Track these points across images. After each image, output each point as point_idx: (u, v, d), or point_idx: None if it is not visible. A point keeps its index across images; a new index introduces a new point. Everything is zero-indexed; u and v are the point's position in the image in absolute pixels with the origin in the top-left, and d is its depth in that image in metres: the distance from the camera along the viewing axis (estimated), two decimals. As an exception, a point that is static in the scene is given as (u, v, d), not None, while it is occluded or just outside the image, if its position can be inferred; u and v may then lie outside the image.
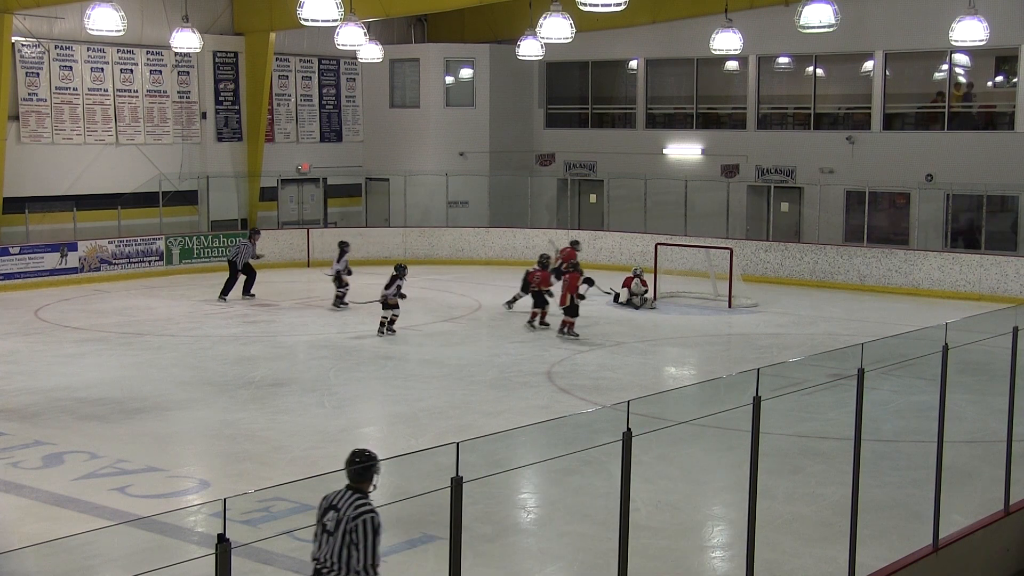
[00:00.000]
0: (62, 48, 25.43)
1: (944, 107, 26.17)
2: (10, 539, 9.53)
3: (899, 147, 26.51)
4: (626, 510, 6.29)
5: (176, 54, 26.64)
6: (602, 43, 29.97)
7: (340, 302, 21.19)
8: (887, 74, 26.83)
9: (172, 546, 9.12)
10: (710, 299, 22.41)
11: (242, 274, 22.46)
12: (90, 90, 25.98)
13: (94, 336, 18.60)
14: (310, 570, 6.58)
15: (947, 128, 26.12)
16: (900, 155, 26.28)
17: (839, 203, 27.03)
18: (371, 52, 25.97)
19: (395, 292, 18.44)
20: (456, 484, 5.41)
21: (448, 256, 28.29)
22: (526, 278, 19.98)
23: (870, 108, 27.03)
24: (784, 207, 28.11)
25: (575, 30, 19.72)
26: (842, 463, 9.07)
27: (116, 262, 25.11)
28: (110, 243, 25.10)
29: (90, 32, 21.26)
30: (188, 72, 27.74)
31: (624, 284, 21.93)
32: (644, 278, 22.01)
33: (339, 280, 21.24)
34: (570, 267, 19.30)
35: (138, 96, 26.84)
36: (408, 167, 30.29)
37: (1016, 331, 9.04)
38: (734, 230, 27.64)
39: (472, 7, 28.93)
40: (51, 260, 24.10)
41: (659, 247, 23.09)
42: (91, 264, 24.69)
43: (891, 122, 27.09)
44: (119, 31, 20.68)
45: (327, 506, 6.50)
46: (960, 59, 26.13)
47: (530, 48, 23.91)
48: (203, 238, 26.81)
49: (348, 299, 21.15)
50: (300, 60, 30.09)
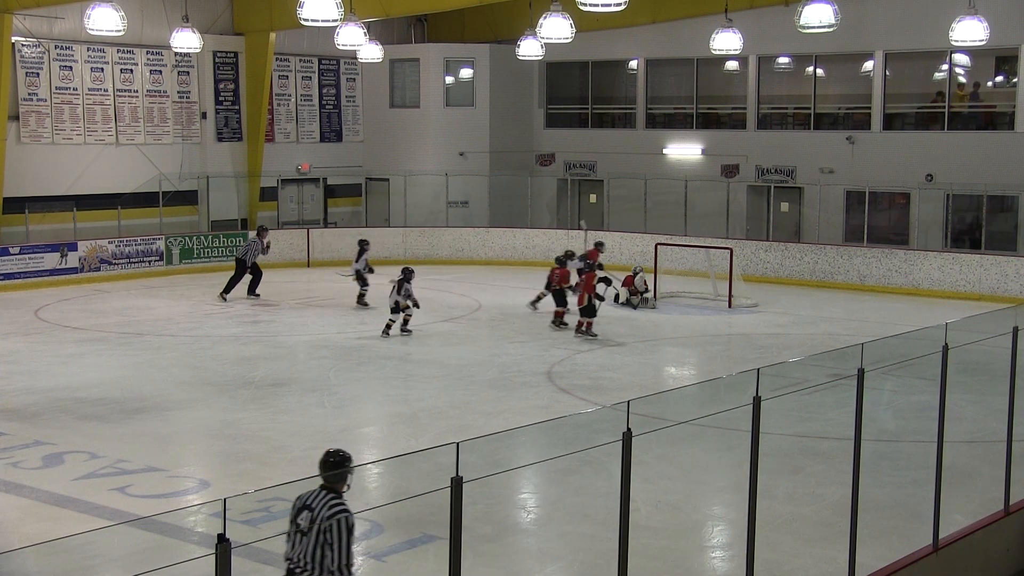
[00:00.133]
0: (62, 48, 25.43)
1: (944, 107, 26.17)
2: (10, 539, 9.53)
3: (899, 147, 26.50)
4: (626, 510, 6.29)
5: (176, 54, 26.64)
6: (602, 43, 29.96)
7: (362, 300, 21.22)
8: (887, 74, 26.82)
9: (172, 546, 9.12)
10: (710, 299, 22.42)
11: (249, 273, 22.48)
12: (90, 90, 25.98)
13: (94, 336, 18.60)
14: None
15: (947, 128, 26.11)
16: (900, 155, 26.28)
17: (839, 203, 27.02)
18: (371, 52, 25.97)
19: (406, 296, 18.43)
20: (456, 484, 5.42)
21: (448, 256, 28.28)
22: (549, 277, 20.00)
23: (870, 108, 27.02)
24: (784, 207, 28.10)
25: (575, 30, 19.72)
26: (842, 463, 9.07)
27: (116, 262, 25.11)
28: (110, 243, 25.09)
29: (90, 32, 21.26)
30: (188, 72, 27.74)
31: (624, 283, 21.93)
32: (646, 278, 22.02)
33: (361, 279, 21.29)
34: (587, 266, 19.30)
35: (138, 96, 26.85)
36: (408, 167, 30.29)
37: (1016, 331, 9.05)
38: (734, 230, 27.64)
39: (472, 7, 28.93)
40: (51, 260, 24.10)
41: (659, 247, 23.10)
42: (91, 264, 24.69)
43: (891, 122, 27.08)
44: (119, 31, 20.68)
45: (301, 506, 6.53)
46: (960, 59, 26.13)
47: (530, 48, 23.90)
48: (203, 238, 26.81)
49: (368, 299, 21.10)
50: (300, 60, 30.09)
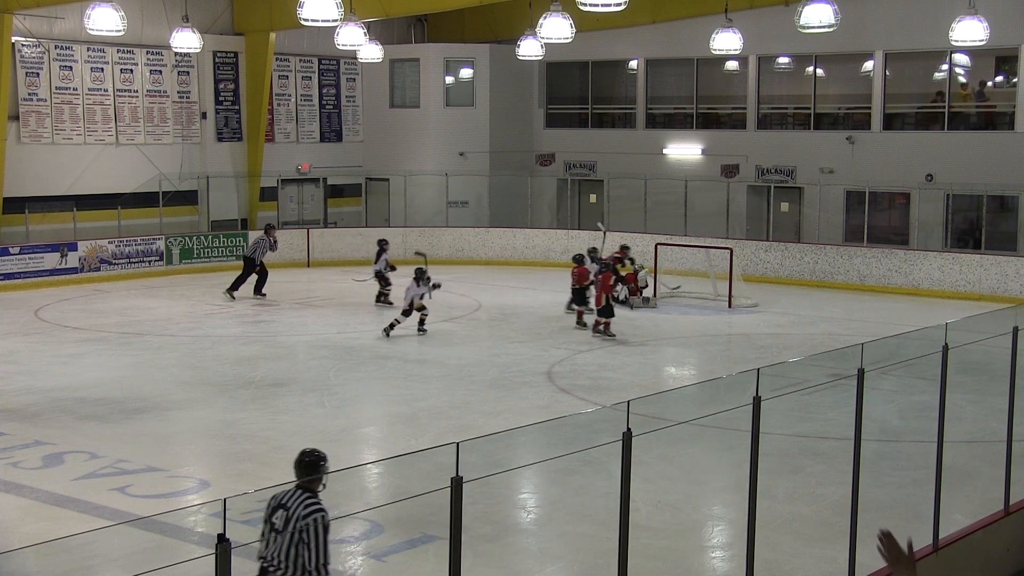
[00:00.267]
0: (62, 48, 25.43)
1: (944, 107, 26.16)
2: (10, 539, 9.53)
3: (899, 147, 26.50)
4: (626, 510, 6.29)
5: (176, 54, 26.63)
6: (602, 43, 29.95)
7: (385, 300, 21.25)
8: (887, 74, 26.82)
9: (172, 546, 9.12)
10: (710, 299, 22.42)
11: (255, 272, 22.51)
12: (90, 90, 25.98)
13: (94, 336, 18.60)
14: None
15: (947, 128, 26.11)
16: (900, 155, 26.27)
17: (839, 203, 27.01)
18: (371, 52, 25.96)
19: (424, 292, 18.54)
20: (456, 484, 5.41)
21: (448, 256, 28.26)
22: (573, 276, 20.02)
23: (870, 108, 27.02)
24: (784, 207, 28.10)
25: (575, 30, 19.73)
26: (842, 463, 9.07)
27: (116, 262, 25.11)
28: (110, 243, 25.09)
29: (90, 32, 21.27)
30: (188, 72, 27.74)
31: (626, 280, 21.92)
32: (647, 278, 22.02)
33: (382, 279, 21.39)
34: (604, 267, 19.31)
35: (138, 96, 26.84)
36: (408, 167, 30.29)
37: (1016, 331, 9.04)
38: (734, 230, 27.63)
39: (472, 7, 28.92)
40: (51, 260, 24.09)
41: (659, 247, 23.09)
42: (91, 264, 24.68)
43: (891, 122, 27.08)
44: (119, 31, 20.69)
45: (276, 505, 6.52)
46: (960, 59, 26.12)
47: (530, 48, 23.90)
48: (203, 238, 26.80)
49: (391, 298, 21.15)
50: (300, 60, 30.08)
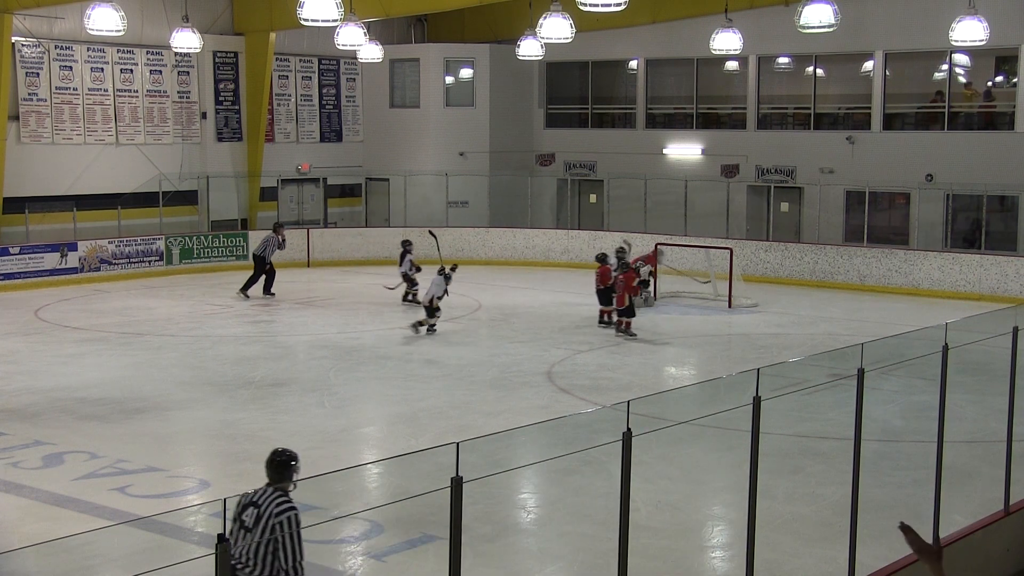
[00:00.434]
0: (62, 48, 25.43)
1: (944, 107, 26.16)
2: (10, 539, 9.53)
3: (899, 147, 26.49)
4: (626, 510, 6.29)
5: (176, 54, 26.63)
6: (602, 43, 29.95)
7: (413, 299, 21.36)
8: (887, 74, 26.82)
9: (172, 546, 9.12)
10: (710, 299, 22.41)
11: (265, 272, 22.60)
12: (90, 90, 25.98)
13: (94, 336, 18.60)
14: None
15: (947, 128, 26.11)
16: (900, 155, 26.27)
17: (839, 203, 27.01)
18: (371, 52, 25.96)
19: (441, 291, 18.70)
20: (456, 484, 5.41)
21: (448, 256, 28.10)
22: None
23: (870, 108, 27.01)
24: (784, 207, 28.10)
25: (575, 30, 19.72)
26: (842, 463, 9.07)
27: (116, 262, 25.10)
28: (110, 243, 25.08)
29: (90, 32, 21.26)
30: (188, 72, 27.74)
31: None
32: (647, 279, 22.03)
33: (409, 280, 21.63)
34: (624, 266, 19.40)
35: (138, 96, 26.84)
36: (408, 167, 30.28)
37: (1016, 331, 9.03)
38: (734, 230, 27.63)
39: (472, 7, 28.91)
40: (51, 260, 24.09)
41: (659, 247, 23.08)
42: (91, 264, 24.68)
43: (891, 122, 27.07)
44: (119, 31, 20.68)
45: (246, 503, 6.56)
46: (960, 59, 26.12)
47: (530, 48, 23.90)
48: (203, 238, 26.80)
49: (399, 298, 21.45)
50: (300, 60, 30.08)
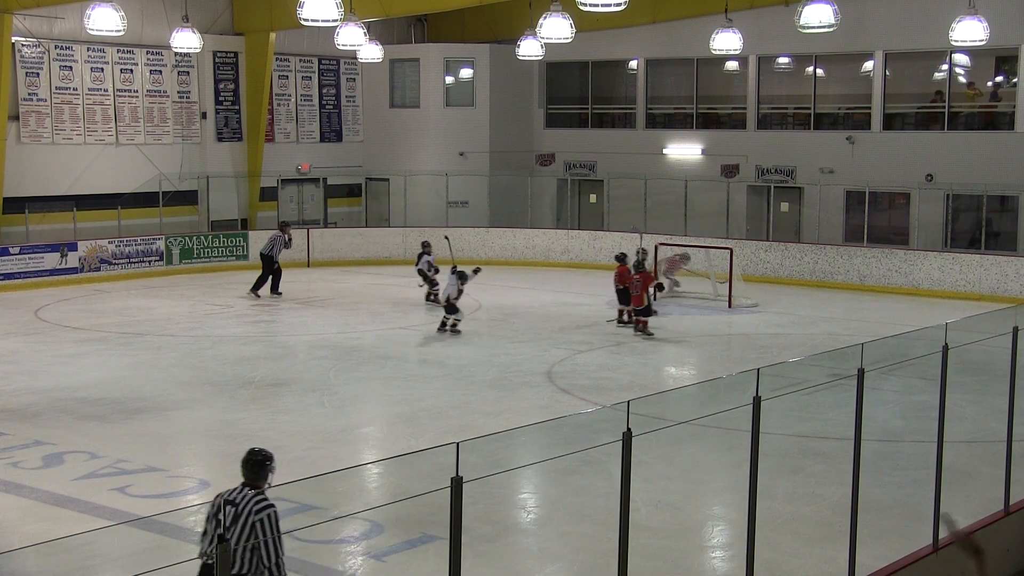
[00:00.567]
0: (62, 48, 25.42)
1: (944, 107, 26.16)
2: (10, 539, 9.53)
3: (899, 147, 26.49)
4: (626, 510, 6.29)
5: (176, 54, 26.63)
6: (602, 43, 29.95)
7: (435, 299, 21.40)
8: (887, 74, 26.81)
9: (172, 546, 9.12)
10: (710, 299, 22.41)
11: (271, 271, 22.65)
12: (90, 90, 25.98)
13: (94, 336, 18.60)
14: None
15: (947, 128, 26.11)
16: (900, 155, 26.27)
17: (839, 203, 27.01)
18: (371, 52, 25.96)
19: (456, 290, 18.75)
20: (456, 484, 5.41)
21: (448, 256, 28.19)
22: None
23: (870, 108, 27.01)
24: (784, 207, 28.09)
25: (575, 30, 19.73)
26: (842, 463, 9.07)
27: (116, 262, 25.10)
28: (110, 243, 25.08)
29: (90, 32, 21.26)
30: (188, 72, 27.74)
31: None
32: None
33: (427, 279, 21.88)
34: (641, 266, 19.53)
35: (138, 96, 26.84)
36: (408, 167, 30.28)
37: (1016, 331, 9.04)
38: (734, 230, 27.63)
39: (472, 7, 28.91)
40: (51, 260, 24.09)
41: (659, 247, 23.08)
42: (91, 264, 24.68)
43: (891, 122, 27.07)
44: (119, 31, 20.68)
45: (223, 502, 6.57)
46: (960, 59, 26.12)
47: (530, 48, 23.90)
48: (203, 238, 26.80)
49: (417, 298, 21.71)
50: (300, 60, 30.08)
